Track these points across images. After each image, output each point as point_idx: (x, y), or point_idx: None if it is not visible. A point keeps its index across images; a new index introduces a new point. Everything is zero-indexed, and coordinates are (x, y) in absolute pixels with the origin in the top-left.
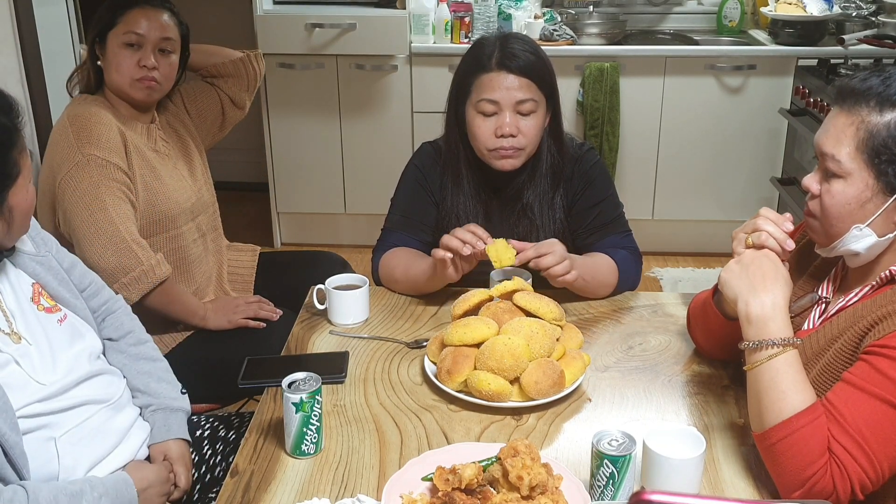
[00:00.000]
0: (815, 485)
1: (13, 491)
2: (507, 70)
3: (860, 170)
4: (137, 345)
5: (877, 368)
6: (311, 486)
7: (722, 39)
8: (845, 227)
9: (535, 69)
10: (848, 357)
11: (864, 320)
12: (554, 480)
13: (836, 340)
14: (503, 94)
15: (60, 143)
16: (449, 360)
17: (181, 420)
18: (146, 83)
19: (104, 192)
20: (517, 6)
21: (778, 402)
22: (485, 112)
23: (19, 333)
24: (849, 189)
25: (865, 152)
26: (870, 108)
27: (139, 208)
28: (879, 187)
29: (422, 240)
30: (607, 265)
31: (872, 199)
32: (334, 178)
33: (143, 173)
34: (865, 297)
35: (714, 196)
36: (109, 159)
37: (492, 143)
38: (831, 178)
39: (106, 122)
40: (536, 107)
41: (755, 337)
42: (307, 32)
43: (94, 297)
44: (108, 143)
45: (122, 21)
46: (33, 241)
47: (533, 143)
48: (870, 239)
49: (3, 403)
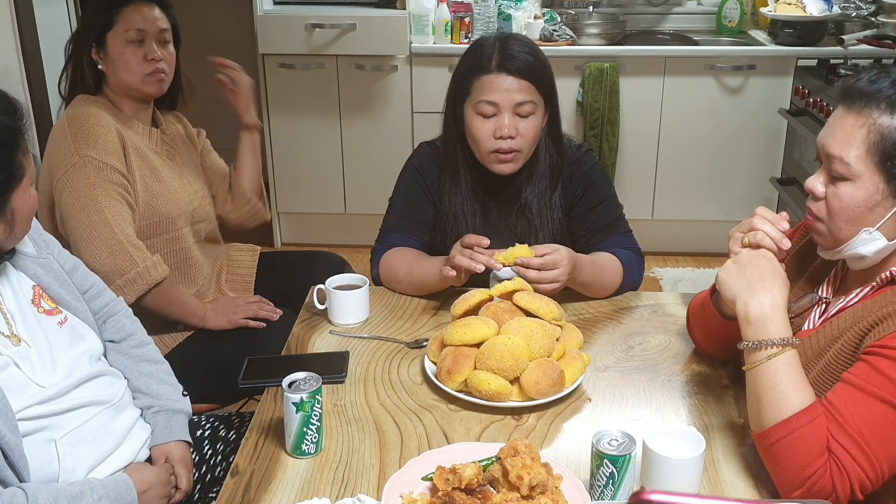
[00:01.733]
0: (814, 484)
1: (12, 493)
2: (506, 72)
3: (870, 173)
4: (139, 346)
5: (877, 369)
6: (312, 485)
7: (722, 40)
8: (854, 231)
9: (534, 71)
10: (848, 358)
11: (864, 321)
12: (554, 480)
13: (837, 341)
14: (502, 96)
15: (59, 144)
16: (449, 359)
17: (183, 422)
18: (157, 76)
19: (100, 194)
20: (517, 6)
21: (777, 401)
22: (484, 113)
23: (19, 336)
24: (858, 192)
25: (876, 155)
26: (881, 110)
27: (139, 209)
28: (890, 191)
29: (420, 240)
30: (613, 266)
31: (882, 203)
32: (334, 178)
33: (144, 174)
34: (866, 298)
35: (714, 196)
36: (106, 161)
37: (491, 145)
38: (838, 181)
39: (104, 124)
40: (535, 108)
41: (754, 337)
42: (307, 32)
43: (96, 298)
44: (106, 145)
45: (120, 20)
46: (35, 243)
47: (531, 145)
48: (879, 242)
49: (3, 406)
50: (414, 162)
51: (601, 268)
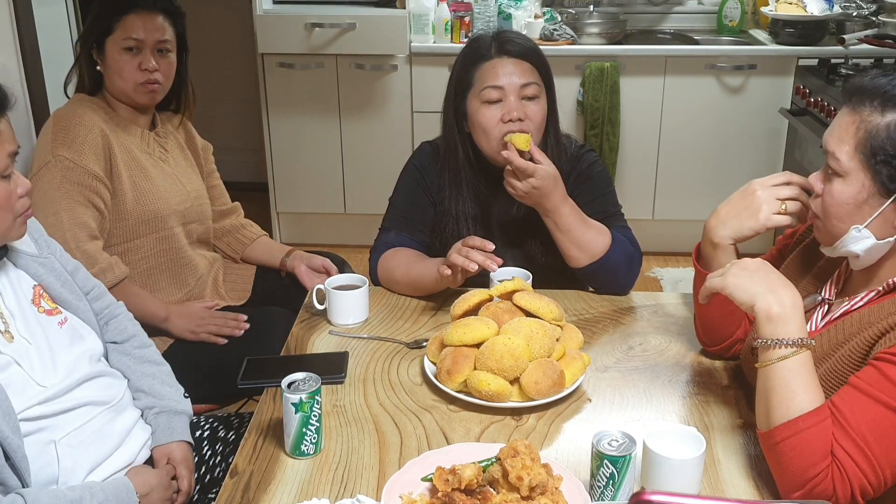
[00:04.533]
0: (815, 487)
1: (12, 500)
2: (507, 55)
3: (858, 170)
4: (141, 348)
5: (885, 375)
6: (311, 486)
7: (722, 39)
8: (844, 228)
9: (534, 54)
10: (855, 363)
11: (873, 327)
12: (554, 481)
13: (843, 346)
14: (507, 79)
15: (41, 141)
16: (449, 360)
17: (184, 423)
18: (149, 87)
19: (61, 196)
20: (517, 6)
21: (787, 400)
22: (490, 100)
23: (13, 333)
24: (847, 189)
25: (862, 152)
26: (872, 107)
27: (128, 207)
28: (875, 189)
29: (420, 240)
30: (600, 230)
31: (868, 201)
32: (334, 178)
33: (132, 174)
34: (871, 303)
35: (714, 196)
36: (78, 162)
37: (500, 130)
38: (833, 177)
39: (87, 124)
40: (539, 91)
41: (772, 335)
42: (307, 32)
43: (97, 300)
44: (83, 146)
45: (120, 27)
46: (36, 243)
47: (539, 128)
48: (868, 241)
49: (6, 406)
50: (415, 162)
51: (585, 222)
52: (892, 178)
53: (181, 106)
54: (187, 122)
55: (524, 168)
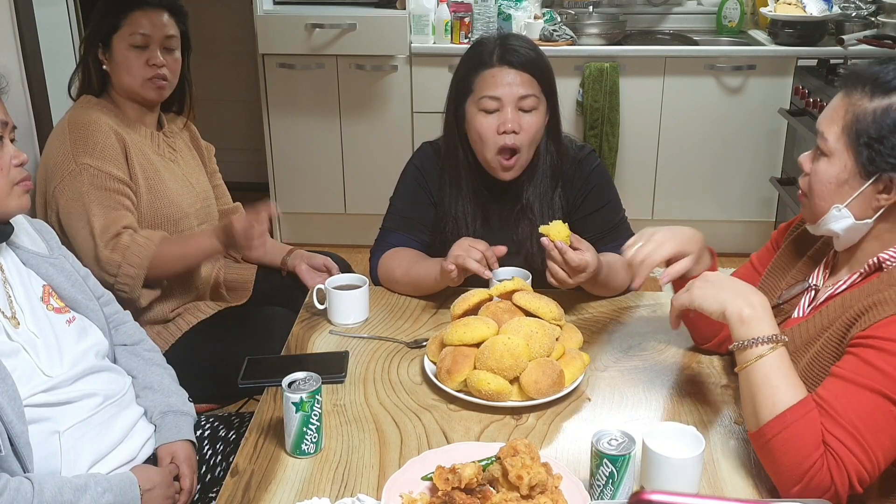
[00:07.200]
0: (812, 478)
1: (19, 482)
2: (508, 65)
3: (842, 150)
4: (150, 352)
5: (864, 360)
6: (311, 485)
7: (721, 39)
8: (826, 206)
9: (536, 65)
10: (834, 349)
11: (850, 310)
12: (553, 480)
13: (826, 330)
14: (505, 89)
15: (58, 149)
16: (449, 359)
17: (189, 424)
18: (157, 83)
19: (91, 202)
20: (517, 6)
21: (771, 396)
22: (487, 109)
23: (20, 320)
24: (830, 168)
25: (848, 134)
26: (863, 92)
27: (143, 210)
28: (857, 170)
29: (420, 240)
30: (623, 268)
31: (849, 181)
32: (334, 178)
33: (148, 175)
34: (853, 286)
35: (714, 196)
36: (102, 168)
37: (495, 141)
38: (820, 157)
39: (104, 130)
40: (538, 104)
41: (747, 336)
42: (307, 32)
43: (107, 305)
44: (104, 152)
45: (126, 24)
46: (48, 244)
47: (532, 142)
48: (847, 221)
49: (12, 392)
50: (416, 162)
51: (614, 270)
52: (871, 161)
53: (183, 107)
54: (191, 123)
55: (577, 265)
